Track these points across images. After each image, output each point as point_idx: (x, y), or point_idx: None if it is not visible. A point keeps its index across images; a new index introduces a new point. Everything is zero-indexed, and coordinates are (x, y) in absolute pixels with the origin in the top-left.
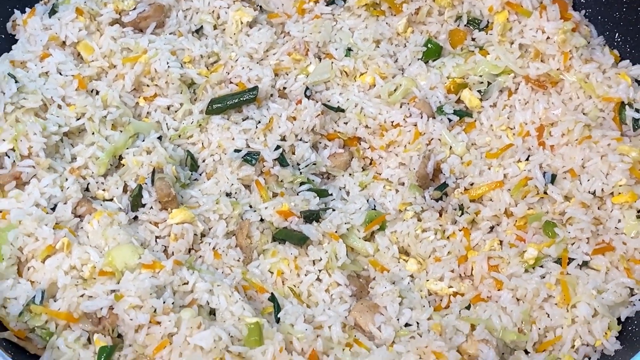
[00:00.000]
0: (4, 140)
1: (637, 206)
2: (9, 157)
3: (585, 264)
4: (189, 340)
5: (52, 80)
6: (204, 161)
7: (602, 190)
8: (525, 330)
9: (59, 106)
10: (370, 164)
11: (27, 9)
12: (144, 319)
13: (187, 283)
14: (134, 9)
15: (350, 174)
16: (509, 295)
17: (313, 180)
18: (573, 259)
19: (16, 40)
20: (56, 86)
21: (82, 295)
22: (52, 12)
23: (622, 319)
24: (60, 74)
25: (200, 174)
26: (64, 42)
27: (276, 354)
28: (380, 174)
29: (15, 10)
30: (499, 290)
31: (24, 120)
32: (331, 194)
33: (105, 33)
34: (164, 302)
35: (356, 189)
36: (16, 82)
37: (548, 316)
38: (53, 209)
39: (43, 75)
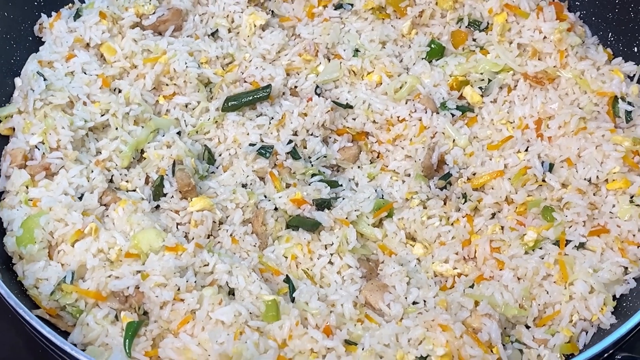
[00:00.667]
0: (33, 134)
1: (630, 192)
2: (38, 149)
3: (581, 245)
4: (211, 315)
5: (78, 79)
6: (220, 155)
7: (597, 177)
8: (526, 306)
9: (84, 103)
10: (378, 156)
11: (53, 13)
12: (168, 296)
13: (207, 265)
14: (154, 13)
15: (359, 167)
16: (510, 274)
17: (324, 172)
18: (570, 241)
19: (43, 42)
20: (81, 84)
21: (109, 276)
22: (77, 15)
23: (617, 296)
24: (85, 73)
25: (217, 167)
26: (88, 44)
27: (292, 328)
28: (387, 166)
29: (41, 14)
30: (500, 270)
31: (52, 115)
32: (341, 185)
33: (127, 35)
34: (187, 281)
35: (365, 180)
36: (44, 80)
37: (547, 293)
38: (80, 198)
39: (69, 75)
